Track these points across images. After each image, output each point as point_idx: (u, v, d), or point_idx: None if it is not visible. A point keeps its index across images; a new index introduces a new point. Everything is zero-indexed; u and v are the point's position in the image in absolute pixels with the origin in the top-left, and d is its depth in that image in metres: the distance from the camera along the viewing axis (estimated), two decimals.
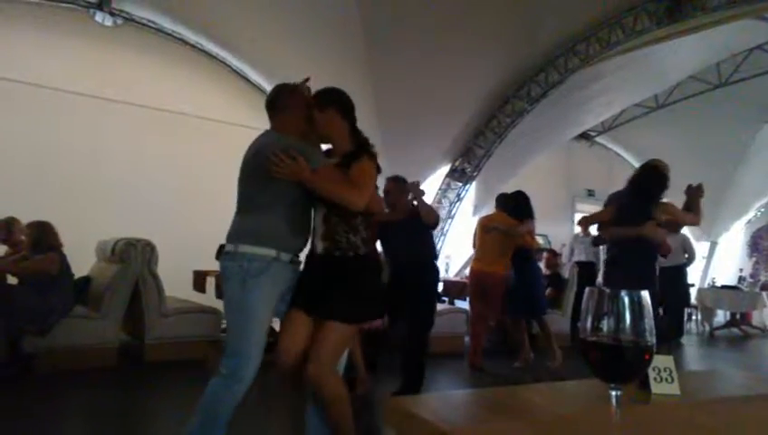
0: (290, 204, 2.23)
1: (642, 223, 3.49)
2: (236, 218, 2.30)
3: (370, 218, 2.30)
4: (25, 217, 4.41)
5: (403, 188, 4.03)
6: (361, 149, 2.27)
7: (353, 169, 2.19)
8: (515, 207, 5.06)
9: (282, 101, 2.37)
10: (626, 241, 3.56)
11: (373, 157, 2.27)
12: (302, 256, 2.38)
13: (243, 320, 2.16)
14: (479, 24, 5.98)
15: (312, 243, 2.30)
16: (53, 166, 5.84)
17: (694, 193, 3.74)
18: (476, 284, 5.11)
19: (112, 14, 6.34)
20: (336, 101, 2.33)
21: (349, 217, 2.21)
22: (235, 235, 2.25)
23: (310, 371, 2.14)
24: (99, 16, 6.28)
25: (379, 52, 6.17)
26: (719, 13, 5.71)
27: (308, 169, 2.15)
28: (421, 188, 4.01)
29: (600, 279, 6.85)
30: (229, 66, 7.34)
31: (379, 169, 2.30)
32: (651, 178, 3.66)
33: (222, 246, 2.30)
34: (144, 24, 6.62)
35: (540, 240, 8.61)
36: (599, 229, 4.01)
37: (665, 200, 3.68)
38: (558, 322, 5.97)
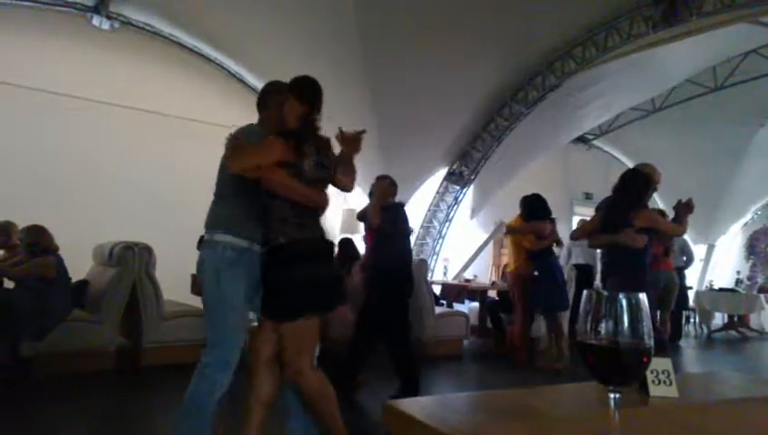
0: (247, 193, 2.24)
1: (621, 230, 3.53)
2: (211, 206, 2.37)
3: (304, 210, 2.23)
4: (22, 221, 4.40)
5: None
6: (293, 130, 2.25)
7: None
8: (524, 209, 5.30)
9: (265, 98, 2.47)
10: (613, 247, 3.61)
11: (289, 136, 2.22)
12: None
13: (219, 310, 2.21)
14: (476, 28, 6.00)
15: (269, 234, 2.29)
16: (50, 169, 5.83)
17: (683, 208, 3.79)
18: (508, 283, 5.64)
19: (109, 18, 6.34)
20: (292, 86, 2.33)
21: (279, 208, 2.19)
22: (210, 223, 2.30)
23: (285, 376, 2.22)
24: (96, 20, 6.29)
25: (377, 55, 6.18)
26: (714, 17, 5.74)
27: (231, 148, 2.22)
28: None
29: (597, 282, 6.91)
30: (227, 70, 7.35)
31: (301, 153, 2.21)
32: (631, 183, 3.70)
33: (202, 237, 2.33)
34: (141, 28, 6.63)
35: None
36: (588, 237, 4.05)
37: (660, 205, 3.71)
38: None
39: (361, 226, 7.96)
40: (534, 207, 5.24)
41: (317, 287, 2.20)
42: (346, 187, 2.39)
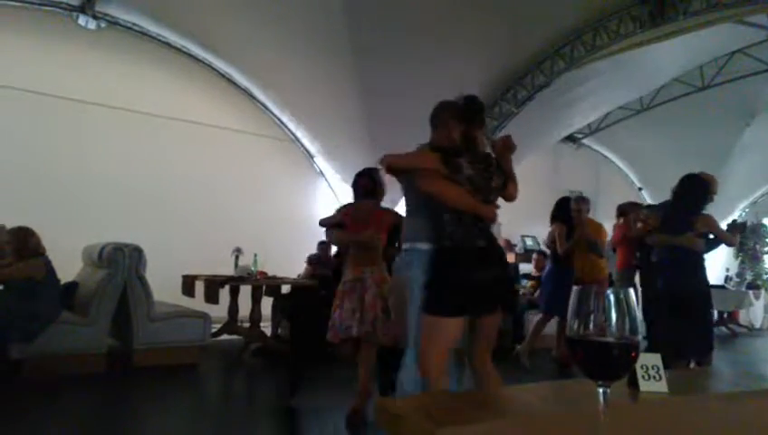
0: (428, 207, 2.55)
1: (682, 232, 3.74)
2: (407, 220, 2.79)
3: (462, 220, 2.44)
4: (10, 223, 4.36)
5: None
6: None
7: None
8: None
9: (434, 118, 2.75)
10: (672, 248, 3.81)
11: (445, 151, 2.46)
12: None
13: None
14: (465, 27, 6.02)
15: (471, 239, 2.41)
16: (38, 170, 5.77)
17: (737, 228, 4.03)
18: None
19: (96, 18, 6.28)
20: (453, 107, 2.65)
21: (446, 219, 2.48)
22: (411, 235, 2.71)
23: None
24: (82, 20, 6.22)
25: (366, 55, 6.18)
26: (701, 17, 5.79)
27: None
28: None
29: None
30: (216, 70, 7.31)
31: (456, 167, 2.40)
32: (691, 188, 3.89)
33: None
34: (128, 28, 6.57)
35: (529, 241, 8.68)
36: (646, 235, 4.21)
37: (650, 202, 3.84)
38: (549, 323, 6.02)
39: None
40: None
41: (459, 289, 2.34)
42: (512, 197, 2.59)
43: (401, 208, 3.03)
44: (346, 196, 8.44)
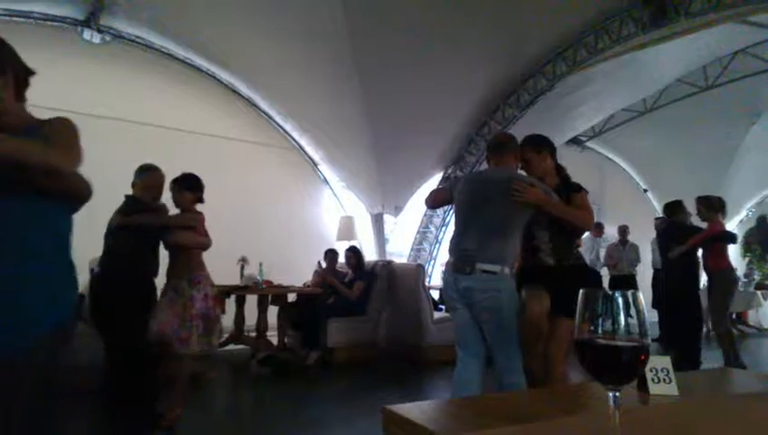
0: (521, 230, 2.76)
1: None
2: (499, 241, 2.66)
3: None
4: None
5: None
6: (573, 183, 2.88)
7: (577, 200, 2.79)
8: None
9: (505, 148, 2.90)
10: None
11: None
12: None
13: (516, 332, 2.65)
14: (468, 32, 6.04)
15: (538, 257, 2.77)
16: None
17: None
18: None
19: (100, 31, 6.34)
20: (549, 144, 2.90)
21: (571, 236, 2.84)
22: (502, 258, 2.66)
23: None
24: (86, 33, 6.29)
25: (369, 60, 6.21)
26: (703, 17, 5.78)
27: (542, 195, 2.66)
28: None
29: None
30: (219, 81, 7.35)
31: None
32: None
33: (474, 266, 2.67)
34: (132, 41, 6.63)
35: None
36: None
37: (656, 205, 3.78)
38: None
39: (358, 231, 8.00)
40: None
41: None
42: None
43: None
44: (350, 202, 8.45)
